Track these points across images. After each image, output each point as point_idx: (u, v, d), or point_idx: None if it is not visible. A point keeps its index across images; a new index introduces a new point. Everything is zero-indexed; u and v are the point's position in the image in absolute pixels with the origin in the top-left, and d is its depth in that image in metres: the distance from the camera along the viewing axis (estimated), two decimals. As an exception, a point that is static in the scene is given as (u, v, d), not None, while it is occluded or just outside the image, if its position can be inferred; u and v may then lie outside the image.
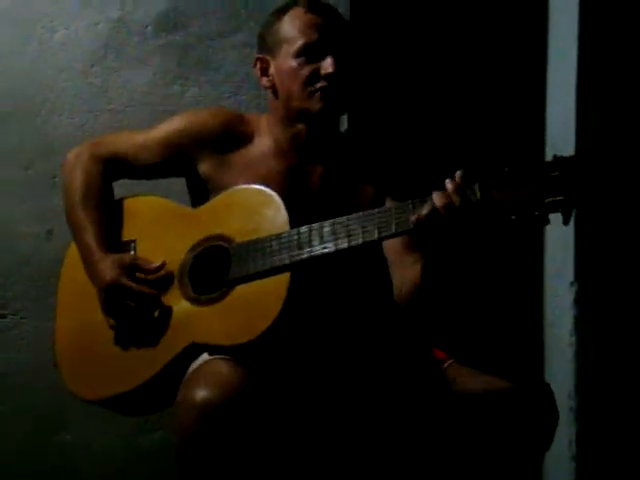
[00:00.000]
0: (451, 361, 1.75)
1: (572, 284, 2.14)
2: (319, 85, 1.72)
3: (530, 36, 2.44)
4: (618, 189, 1.81)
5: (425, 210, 1.52)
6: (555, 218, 1.47)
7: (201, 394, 1.51)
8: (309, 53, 1.72)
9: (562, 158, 1.46)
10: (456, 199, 1.50)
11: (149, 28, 2.32)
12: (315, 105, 1.73)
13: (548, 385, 1.67)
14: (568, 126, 2.19)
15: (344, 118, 2.20)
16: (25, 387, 2.28)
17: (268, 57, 1.79)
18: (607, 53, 2.15)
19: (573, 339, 2.13)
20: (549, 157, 2.34)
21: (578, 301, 2.13)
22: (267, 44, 1.79)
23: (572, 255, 2.15)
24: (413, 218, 1.53)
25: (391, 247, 1.74)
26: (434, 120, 2.46)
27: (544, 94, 2.41)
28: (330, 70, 1.70)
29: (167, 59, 2.31)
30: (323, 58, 1.72)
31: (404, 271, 1.71)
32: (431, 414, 1.69)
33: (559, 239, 2.23)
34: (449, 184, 1.52)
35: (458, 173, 1.53)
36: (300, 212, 1.67)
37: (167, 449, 2.16)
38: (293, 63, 1.73)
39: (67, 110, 2.31)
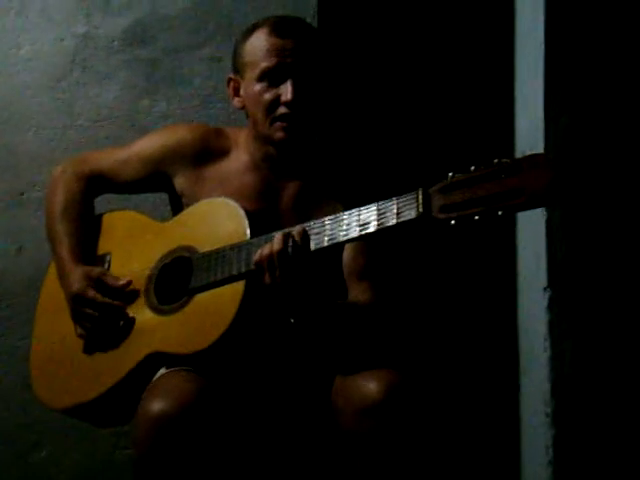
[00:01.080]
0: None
1: (545, 290, 2.14)
2: (279, 112, 1.72)
3: (497, 40, 2.45)
4: (577, 189, 1.82)
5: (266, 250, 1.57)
6: (523, 226, 1.47)
7: (155, 407, 1.52)
8: (270, 78, 1.72)
9: (511, 160, 1.46)
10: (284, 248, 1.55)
11: (115, 43, 2.32)
12: (277, 134, 1.74)
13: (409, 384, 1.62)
14: (537, 132, 2.20)
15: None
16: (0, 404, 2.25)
17: (238, 78, 1.79)
18: (574, 58, 2.16)
19: (547, 344, 2.12)
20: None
21: (551, 306, 2.13)
22: (237, 65, 1.80)
23: (545, 260, 2.14)
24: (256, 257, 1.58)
25: (345, 270, 1.76)
26: (404, 132, 2.47)
27: (512, 102, 2.42)
28: (289, 97, 1.70)
29: (134, 74, 2.31)
30: (283, 83, 1.71)
31: (353, 297, 1.74)
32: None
33: (531, 244, 2.24)
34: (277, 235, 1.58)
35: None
36: (271, 227, 1.68)
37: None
38: (256, 87, 1.74)
39: (34, 126, 2.31)
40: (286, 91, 1.70)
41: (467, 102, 2.48)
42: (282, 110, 1.71)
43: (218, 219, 1.73)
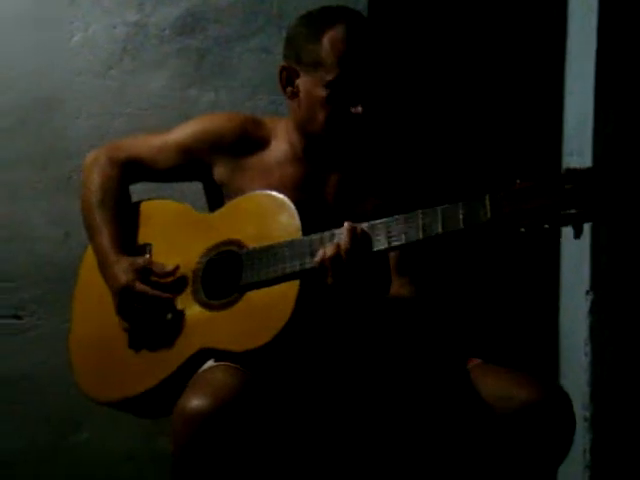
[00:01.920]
0: (476, 363, 1.74)
1: (588, 293, 2.13)
2: (343, 122, 1.70)
3: (548, 40, 2.43)
4: (634, 202, 1.81)
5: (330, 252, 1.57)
6: (568, 230, 1.46)
7: (193, 403, 1.51)
8: (342, 87, 1.69)
9: (576, 170, 1.44)
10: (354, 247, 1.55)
11: (167, 31, 2.32)
12: (332, 138, 1.73)
13: (567, 394, 1.66)
14: (585, 132, 2.18)
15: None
16: (41, 388, 2.29)
17: (297, 68, 1.74)
18: (626, 59, 2.14)
19: (588, 348, 2.12)
20: (566, 165, 2.35)
21: (593, 310, 2.12)
22: (300, 57, 1.73)
23: (588, 264, 2.14)
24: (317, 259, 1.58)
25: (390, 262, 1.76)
26: (449, 128, 2.45)
27: (562, 101, 2.40)
28: (359, 111, 1.68)
29: (184, 63, 2.32)
30: (354, 96, 1.69)
31: (394, 291, 1.74)
32: (447, 420, 1.69)
33: (575, 248, 2.23)
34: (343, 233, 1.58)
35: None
36: (314, 220, 1.68)
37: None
38: (323, 93, 1.70)
39: (84, 112, 2.32)
40: (357, 108, 1.68)
41: (515, 102, 2.46)
42: (347, 121, 1.69)
43: (267, 214, 1.70)
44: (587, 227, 2.11)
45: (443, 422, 1.69)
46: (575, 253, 2.23)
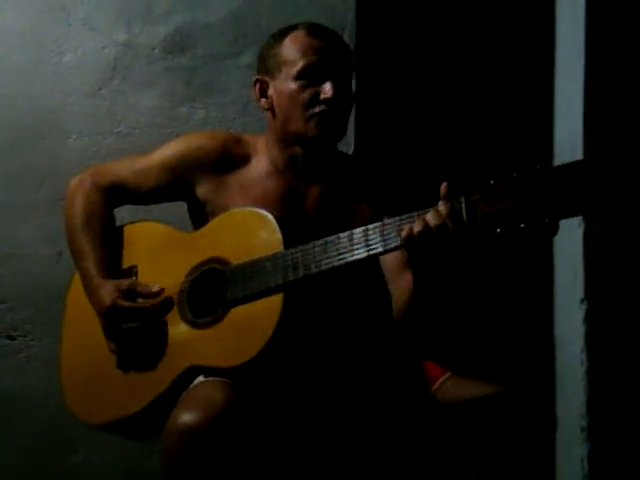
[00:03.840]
0: (447, 375, 1.76)
1: (582, 301, 2.12)
2: (318, 109, 1.72)
3: (537, 39, 2.43)
4: (626, 195, 1.79)
5: (418, 227, 1.52)
6: (564, 231, 1.45)
7: (184, 418, 1.53)
8: (309, 76, 1.73)
9: (555, 167, 1.43)
10: (449, 222, 1.50)
11: (156, 51, 2.34)
12: (312, 131, 1.74)
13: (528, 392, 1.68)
14: (576, 132, 2.18)
15: (351, 139, 2.21)
16: (34, 409, 2.29)
17: (267, 78, 1.79)
18: (614, 55, 2.14)
19: (584, 357, 2.11)
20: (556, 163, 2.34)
21: (588, 318, 2.11)
22: (267, 65, 1.80)
23: (582, 272, 2.13)
24: (404, 234, 1.53)
25: (389, 263, 1.75)
26: (434, 135, 2.46)
27: (552, 104, 2.40)
28: (329, 95, 1.71)
29: (174, 81, 2.34)
30: (323, 82, 1.72)
31: (401, 288, 1.72)
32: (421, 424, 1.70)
33: (568, 256, 2.22)
34: (441, 206, 1.52)
35: (444, 186, 1.54)
36: (296, 233, 1.69)
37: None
38: (293, 86, 1.74)
39: (75, 132, 2.34)
40: (327, 89, 1.71)
41: (505, 107, 2.46)
42: (321, 107, 1.72)
43: (249, 229, 1.71)
44: (580, 234, 2.11)
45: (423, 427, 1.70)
46: (569, 261, 2.22)
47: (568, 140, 2.25)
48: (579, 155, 2.13)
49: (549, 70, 2.39)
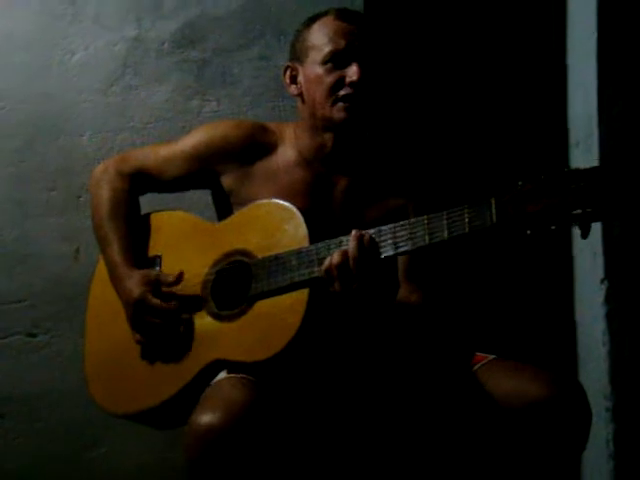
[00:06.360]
0: (486, 360, 1.72)
1: (602, 282, 2.11)
2: (343, 93, 1.71)
3: (549, 35, 2.42)
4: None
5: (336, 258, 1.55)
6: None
7: (205, 418, 1.51)
8: (335, 60, 1.72)
9: (580, 170, 1.43)
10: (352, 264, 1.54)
11: (166, 45, 2.34)
12: (337, 114, 1.72)
13: (580, 386, 1.63)
14: (590, 121, 2.16)
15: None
16: (57, 404, 2.30)
17: (297, 65, 1.78)
18: (627, 51, 2.12)
19: (606, 338, 2.09)
20: (572, 156, 2.33)
21: (609, 299, 2.09)
22: (296, 52, 1.79)
23: (601, 253, 2.11)
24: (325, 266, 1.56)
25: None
26: (458, 128, 2.44)
27: (565, 92, 2.39)
28: (355, 78, 1.70)
29: (185, 75, 2.33)
30: (349, 65, 1.71)
31: (403, 297, 1.73)
32: (456, 422, 1.67)
33: (588, 237, 2.20)
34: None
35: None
36: (323, 224, 1.67)
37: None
38: (319, 70, 1.73)
39: (88, 130, 2.34)
40: (352, 72, 1.70)
41: (520, 93, 2.44)
42: (347, 90, 1.71)
43: (275, 222, 1.69)
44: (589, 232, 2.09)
45: (452, 424, 1.67)
46: (588, 242, 2.20)
47: (583, 121, 2.23)
48: (594, 138, 2.12)
49: (561, 50, 2.38)
